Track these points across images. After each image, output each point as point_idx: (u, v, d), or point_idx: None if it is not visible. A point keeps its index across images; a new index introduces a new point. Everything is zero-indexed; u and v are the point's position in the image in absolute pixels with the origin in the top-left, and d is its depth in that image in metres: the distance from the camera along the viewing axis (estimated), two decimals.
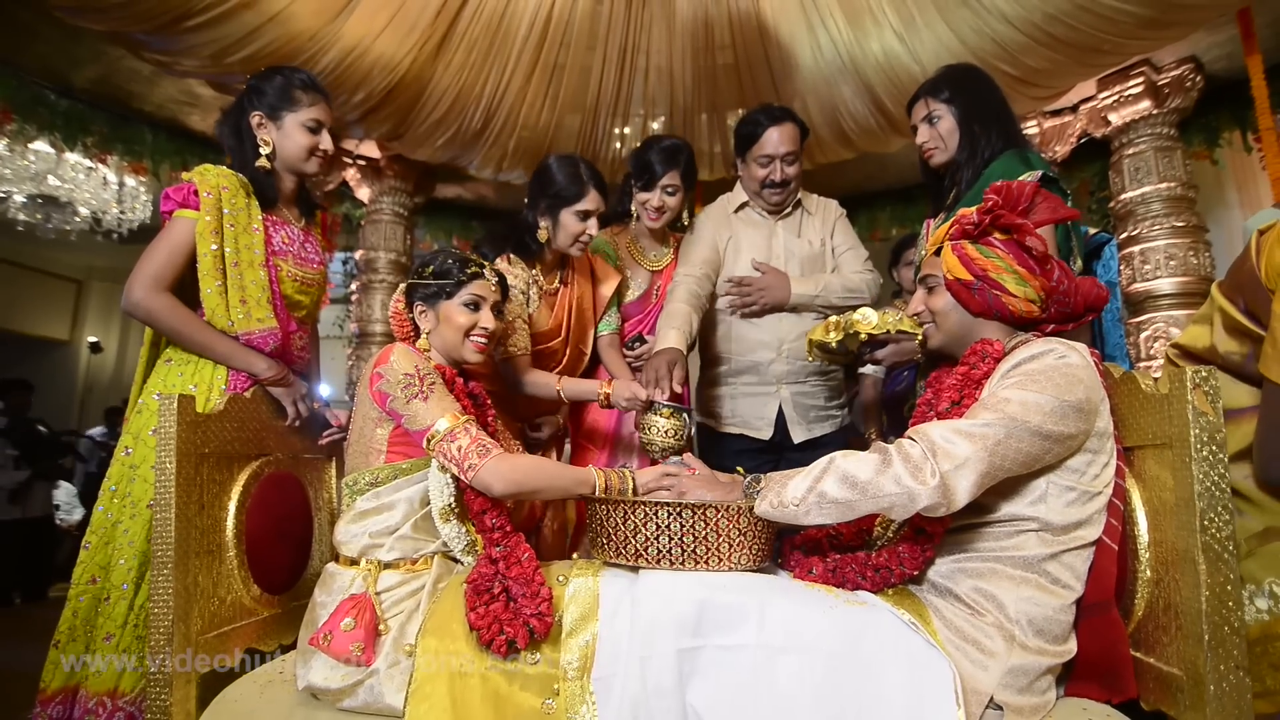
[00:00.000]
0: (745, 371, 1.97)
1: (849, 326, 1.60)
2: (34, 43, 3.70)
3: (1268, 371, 1.03)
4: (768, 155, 1.94)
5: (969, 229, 1.17)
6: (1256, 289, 1.07)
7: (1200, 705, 0.94)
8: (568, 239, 1.76)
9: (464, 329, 1.35)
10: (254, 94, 1.59)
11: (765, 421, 1.94)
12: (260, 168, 1.58)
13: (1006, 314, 1.15)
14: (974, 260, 1.15)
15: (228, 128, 1.61)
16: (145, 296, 1.45)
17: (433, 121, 4.11)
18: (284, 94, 1.58)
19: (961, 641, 1.01)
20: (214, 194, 1.49)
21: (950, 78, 1.65)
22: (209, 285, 1.48)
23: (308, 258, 1.68)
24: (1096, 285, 1.15)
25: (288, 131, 1.59)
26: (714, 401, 2.02)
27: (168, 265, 1.48)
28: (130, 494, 1.46)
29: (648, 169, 1.92)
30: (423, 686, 1.04)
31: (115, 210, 4.95)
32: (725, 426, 1.99)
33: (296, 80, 1.60)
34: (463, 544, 1.23)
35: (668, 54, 3.83)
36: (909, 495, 0.98)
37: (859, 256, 2.06)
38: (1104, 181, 4.50)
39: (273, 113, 1.58)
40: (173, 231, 1.49)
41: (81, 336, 7.92)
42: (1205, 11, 3.23)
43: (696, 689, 0.98)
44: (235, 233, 1.50)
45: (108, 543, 1.46)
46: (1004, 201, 1.15)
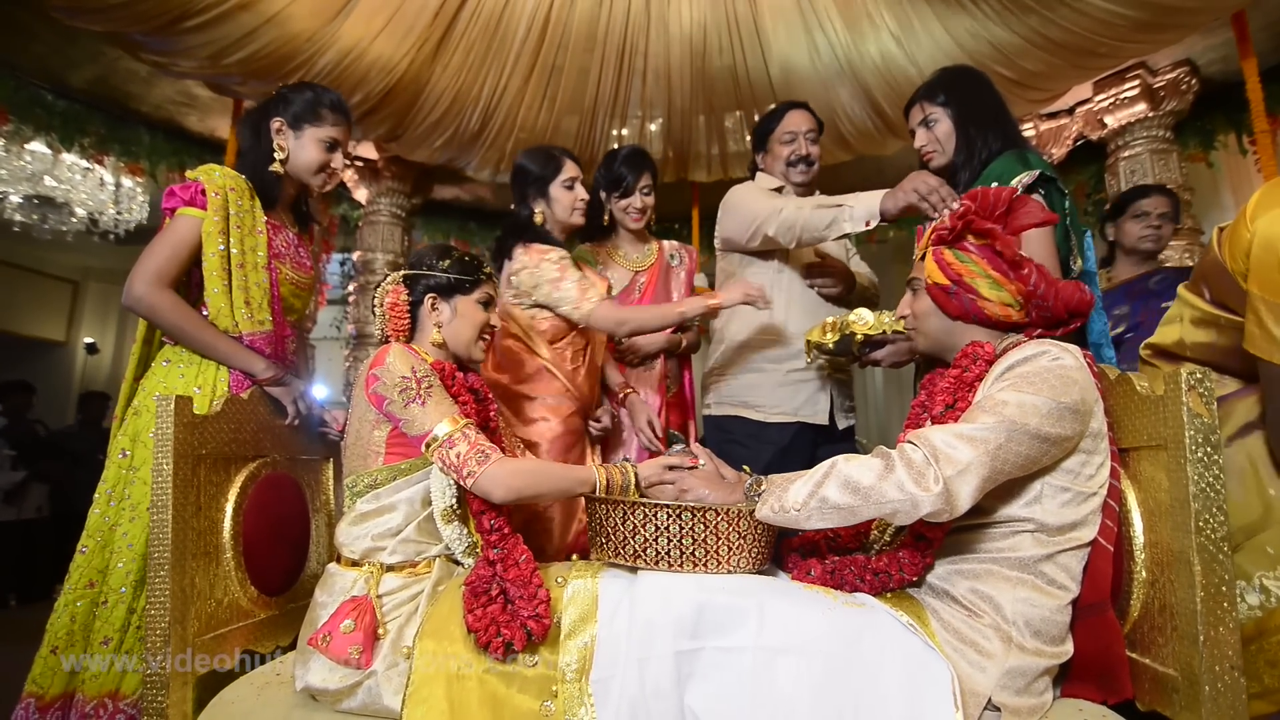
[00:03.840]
0: (795, 357, 1.93)
1: (845, 328, 1.61)
2: (31, 43, 3.69)
3: (1256, 349, 1.06)
4: (791, 132, 2.04)
5: (944, 234, 1.19)
6: (1222, 277, 1.13)
7: (1195, 706, 0.94)
8: (565, 209, 1.84)
9: (480, 326, 1.36)
10: (281, 101, 1.62)
11: (821, 408, 1.94)
12: (272, 172, 1.60)
13: (983, 318, 1.16)
14: (950, 265, 1.17)
15: (248, 127, 1.63)
16: (148, 292, 1.45)
17: (430, 123, 4.11)
18: (310, 107, 1.61)
19: (959, 643, 1.02)
20: (221, 194, 1.50)
21: (946, 81, 1.66)
22: (215, 285, 1.48)
23: (302, 262, 1.70)
24: (1080, 289, 1.15)
25: (304, 143, 1.61)
26: (755, 391, 1.96)
27: (171, 262, 1.48)
28: (129, 496, 1.45)
29: (621, 179, 2.08)
30: (420, 689, 1.04)
31: (112, 211, 4.94)
32: (774, 416, 1.93)
33: (325, 99, 1.63)
34: (464, 545, 1.23)
35: (665, 56, 3.84)
36: (912, 502, 0.97)
37: (858, 261, 2.20)
38: (1100, 184, 4.52)
39: (295, 122, 1.61)
40: (177, 228, 1.50)
41: (77, 337, 7.89)
42: (1200, 15, 3.25)
43: (695, 691, 0.98)
44: (241, 234, 1.52)
45: (105, 546, 1.45)
46: (979, 207, 1.17)
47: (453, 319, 1.35)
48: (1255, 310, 1.06)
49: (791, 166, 2.04)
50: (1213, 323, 1.19)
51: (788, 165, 2.04)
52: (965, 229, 1.17)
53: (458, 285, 1.35)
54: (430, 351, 1.34)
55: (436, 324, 1.34)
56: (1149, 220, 2.42)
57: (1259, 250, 1.04)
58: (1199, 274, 1.24)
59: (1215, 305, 1.18)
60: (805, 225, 1.72)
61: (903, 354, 1.63)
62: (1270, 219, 1.04)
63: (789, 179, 2.06)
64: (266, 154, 1.60)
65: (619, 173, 2.09)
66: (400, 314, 1.34)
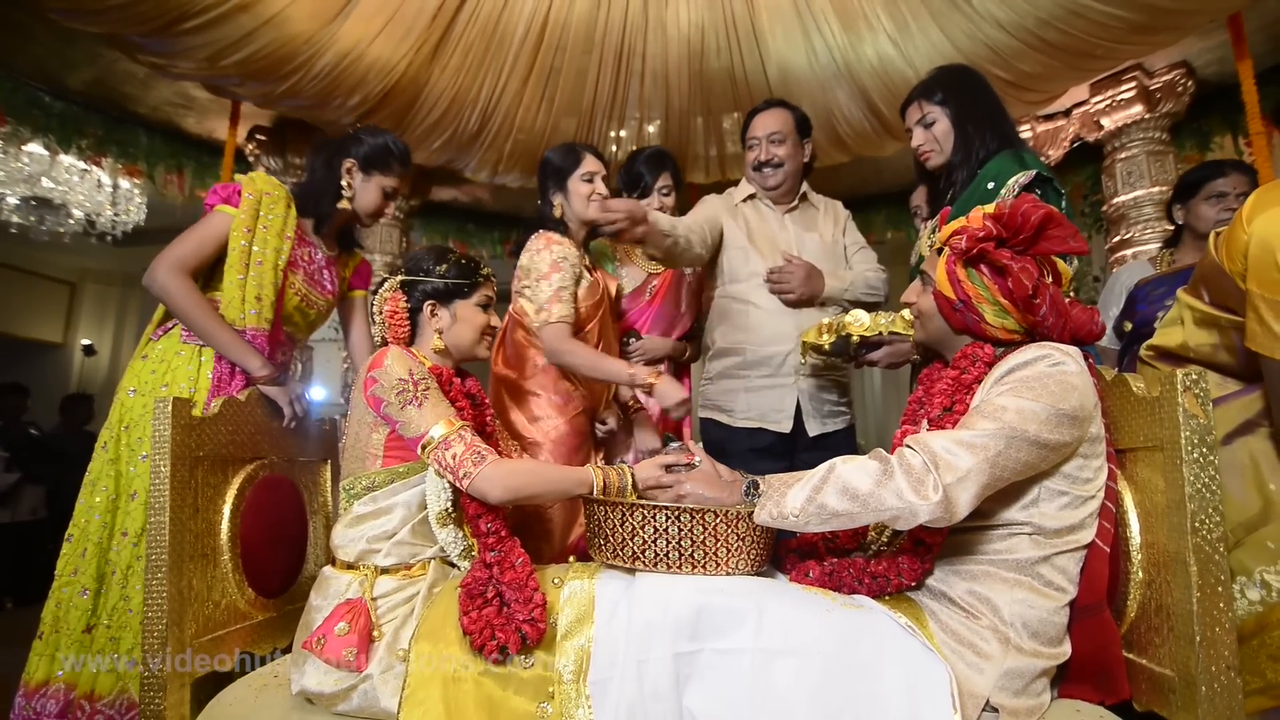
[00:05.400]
0: (761, 364, 1.94)
1: (841, 328, 1.61)
2: (29, 45, 3.68)
3: (1257, 346, 1.08)
4: (755, 138, 2.03)
5: (959, 251, 1.13)
6: (1220, 278, 1.16)
7: (1192, 706, 0.94)
8: (581, 202, 1.83)
9: (481, 328, 1.36)
10: (356, 143, 1.73)
11: (784, 414, 1.92)
12: (341, 209, 1.73)
13: (984, 336, 1.14)
14: (961, 283, 1.13)
15: (321, 158, 1.75)
16: (167, 276, 1.54)
17: (429, 124, 4.11)
18: (381, 156, 1.72)
19: (957, 644, 1.02)
20: (255, 196, 1.62)
21: (943, 80, 1.65)
22: (232, 277, 1.58)
23: (320, 282, 1.77)
24: (1091, 319, 1.11)
25: (369, 187, 1.73)
26: (727, 396, 1.99)
27: (196, 252, 1.58)
28: (106, 489, 1.53)
29: (640, 179, 2.09)
30: (416, 691, 1.04)
31: (109, 213, 4.92)
32: (739, 421, 1.96)
33: (396, 150, 1.75)
34: (460, 549, 1.23)
35: (663, 58, 3.84)
36: (911, 510, 0.97)
37: (869, 256, 2.09)
38: (1096, 185, 4.53)
39: (365, 165, 1.72)
40: (209, 222, 1.61)
41: (75, 339, 7.87)
42: (1196, 17, 3.26)
43: (693, 693, 0.98)
44: (266, 235, 1.62)
45: (85, 535, 1.53)
46: (1005, 228, 1.09)
47: (453, 324, 1.34)
48: (1255, 308, 1.08)
49: (756, 171, 2.03)
50: (1214, 323, 1.22)
51: (753, 170, 2.03)
52: (981, 255, 1.11)
53: (456, 290, 1.34)
54: (431, 357, 1.34)
55: (437, 330, 1.34)
56: (1227, 202, 2.10)
57: (1256, 250, 1.07)
58: (1198, 277, 1.26)
59: (1215, 307, 1.20)
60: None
61: (899, 355, 1.63)
62: (1265, 219, 1.07)
63: (758, 183, 2.04)
64: (334, 188, 1.72)
65: (638, 172, 2.10)
66: (400, 321, 1.34)
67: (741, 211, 2.05)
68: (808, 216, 2.08)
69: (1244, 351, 1.15)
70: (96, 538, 1.51)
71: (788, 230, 2.03)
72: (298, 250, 1.68)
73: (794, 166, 2.02)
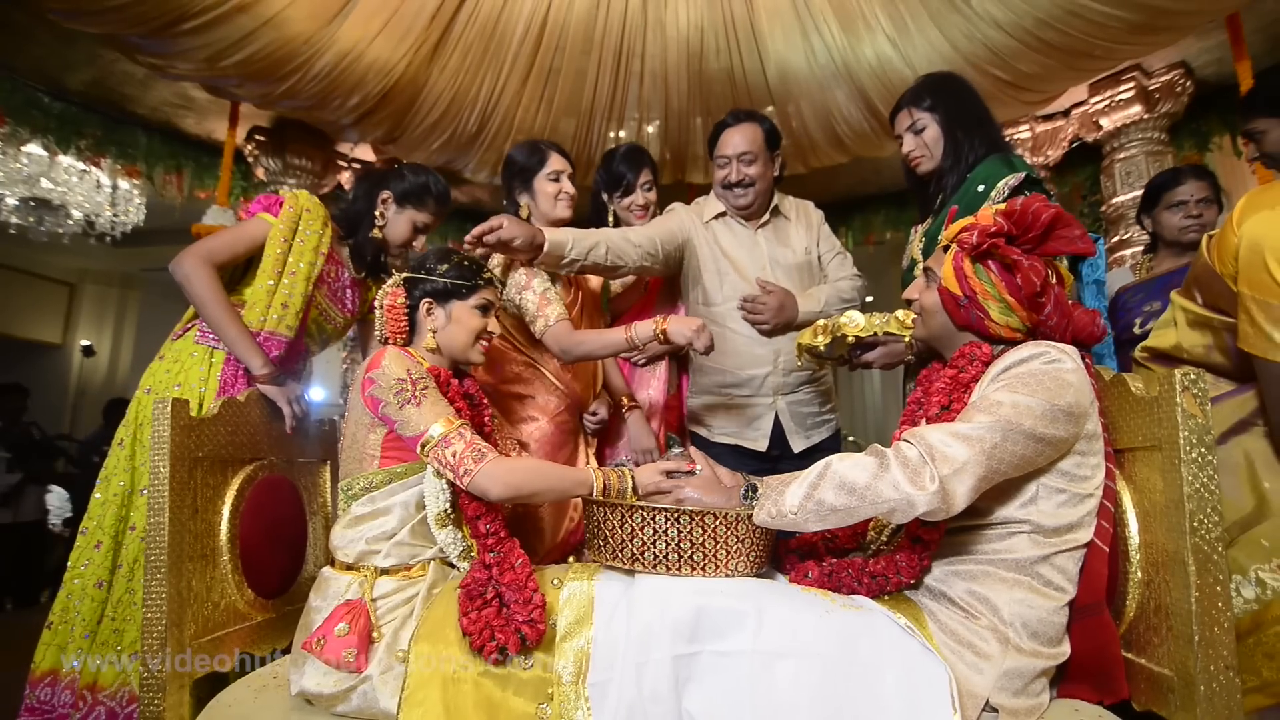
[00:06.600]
0: (741, 384, 1.93)
1: (836, 330, 1.60)
2: (28, 45, 3.68)
3: (1249, 347, 1.10)
4: (725, 156, 1.92)
5: (970, 246, 1.13)
6: (1212, 280, 1.19)
7: (1190, 706, 0.94)
8: (549, 201, 1.81)
9: (476, 332, 1.35)
10: (396, 177, 1.78)
11: (761, 434, 1.91)
12: (373, 238, 1.78)
13: (988, 334, 1.14)
14: (967, 279, 1.13)
15: (363, 188, 1.80)
16: (193, 263, 1.57)
17: (428, 125, 4.11)
18: (418, 193, 1.77)
19: (957, 645, 1.02)
20: (296, 210, 1.69)
21: (932, 86, 1.67)
22: (263, 281, 1.63)
23: (342, 300, 1.83)
24: (1094, 322, 1.12)
25: (401, 220, 1.78)
26: (707, 412, 1.99)
27: (226, 249, 1.63)
28: (118, 485, 1.57)
29: (621, 177, 2.05)
30: (416, 692, 1.04)
31: (108, 213, 4.92)
32: (717, 436, 1.96)
33: (435, 190, 1.79)
34: (459, 549, 1.23)
35: (662, 58, 3.84)
36: (908, 501, 0.97)
37: (845, 262, 2.04)
38: (1095, 185, 4.54)
39: (400, 199, 1.77)
40: (246, 226, 1.67)
41: (74, 340, 7.86)
42: (1195, 17, 3.26)
43: (693, 695, 0.98)
44: (302, 248, 1.68)
45: (99, 529, 1.56)
46: (1016, 225, 1.09)
47: (447, 324, 1.34)
48: (1246, 309, 1.10)
49: (727, 189, 1.93)
50: (1207, 324, 1.24)
51: (723, 188, 1.94)
52: (991, 251, 1.11)
53: (454, 290, 1.34)
54: (426, 356, 1.33)
55: (431, 329, 1.33)
56: (1187, 209, 2.14)
57: (1246, 252, 1.10)
58: (1191, 280, 1.28)
59: (1208, 309, 1.23)
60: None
61: (894, 355, 1.63)
62: (1255, 222, 1.10)
63: (728, 201, 1.96)
64: (369, 216, 1.78)
65: (618, 171, 2.05)
66: (397, 317, 1.34)
67: (712, 229, 1.99)
68: (780, 231, 2.01)
69: (1236, 352, 1.16)
70: (112, 531, 1.55)
71: (760, 248, 1.97)
72: (326, 267, 1.74)
73: (765, 185, 1.94)
